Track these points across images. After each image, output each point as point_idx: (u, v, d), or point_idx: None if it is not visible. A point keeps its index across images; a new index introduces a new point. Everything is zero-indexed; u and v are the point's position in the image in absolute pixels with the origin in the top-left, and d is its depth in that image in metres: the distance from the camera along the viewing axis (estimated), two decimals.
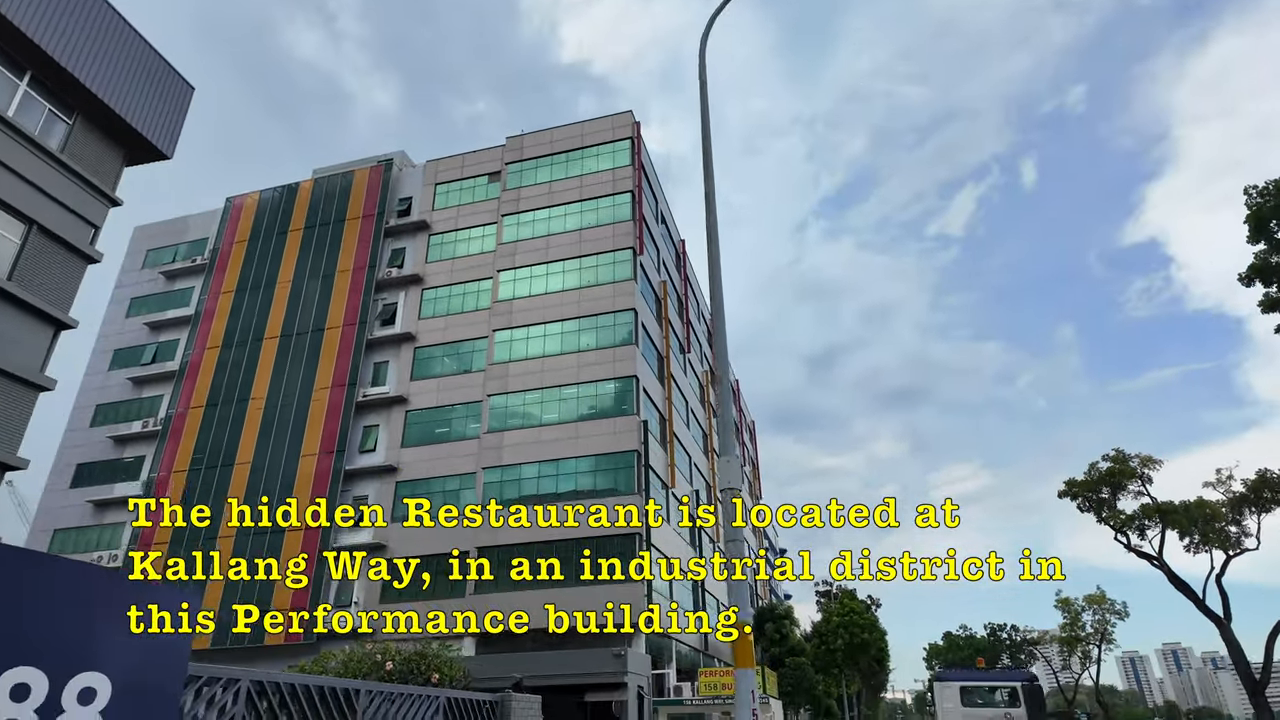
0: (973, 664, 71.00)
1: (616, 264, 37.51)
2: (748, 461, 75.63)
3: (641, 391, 35.09)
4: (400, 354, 39.30)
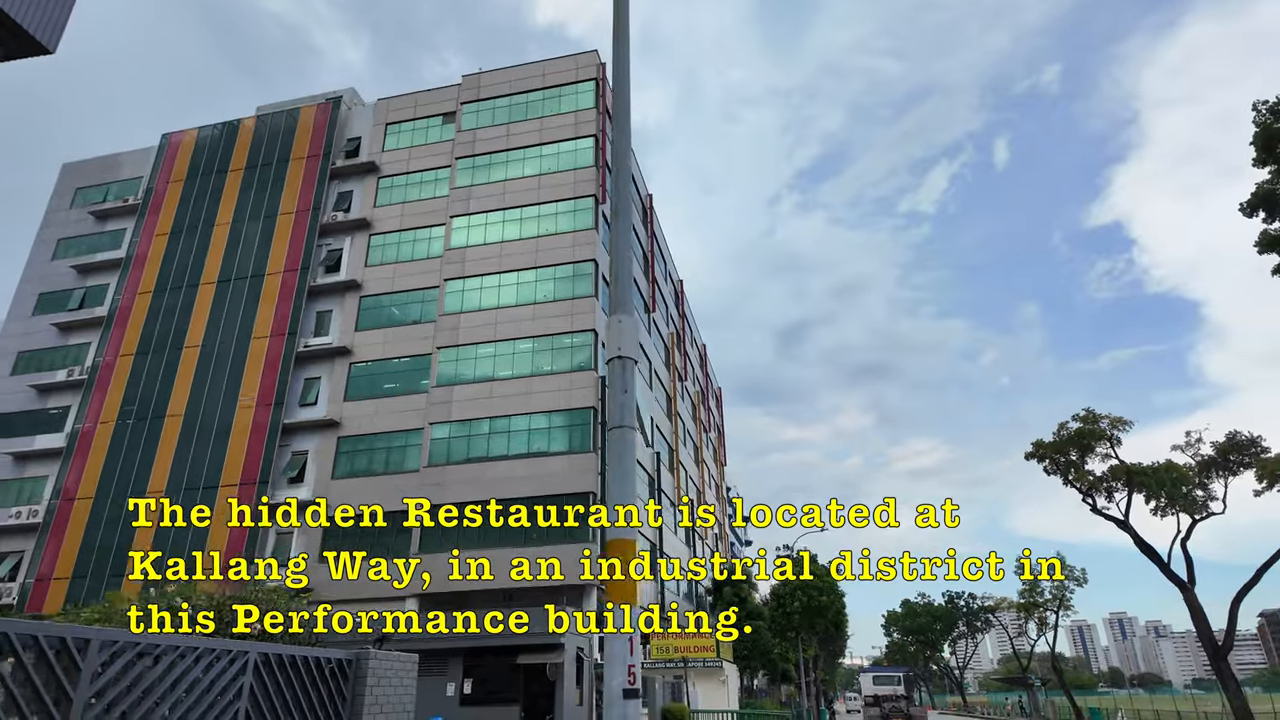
0: (926, 631, 75.24)
1: (577, 212, 35.57)
2: (713, 428, 74.74)
3: (601, 346, 33.44)
4: (345, 303, 37.07)
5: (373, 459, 33.68)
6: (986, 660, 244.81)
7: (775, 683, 50.11)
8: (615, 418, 4.15)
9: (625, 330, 4.32)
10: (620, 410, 4.16)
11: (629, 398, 4.18)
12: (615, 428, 4.10)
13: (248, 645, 5.06)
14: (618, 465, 3.97)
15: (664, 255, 54.44)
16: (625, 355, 4.31)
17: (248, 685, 4.92)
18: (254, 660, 4.99)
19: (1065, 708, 41.65)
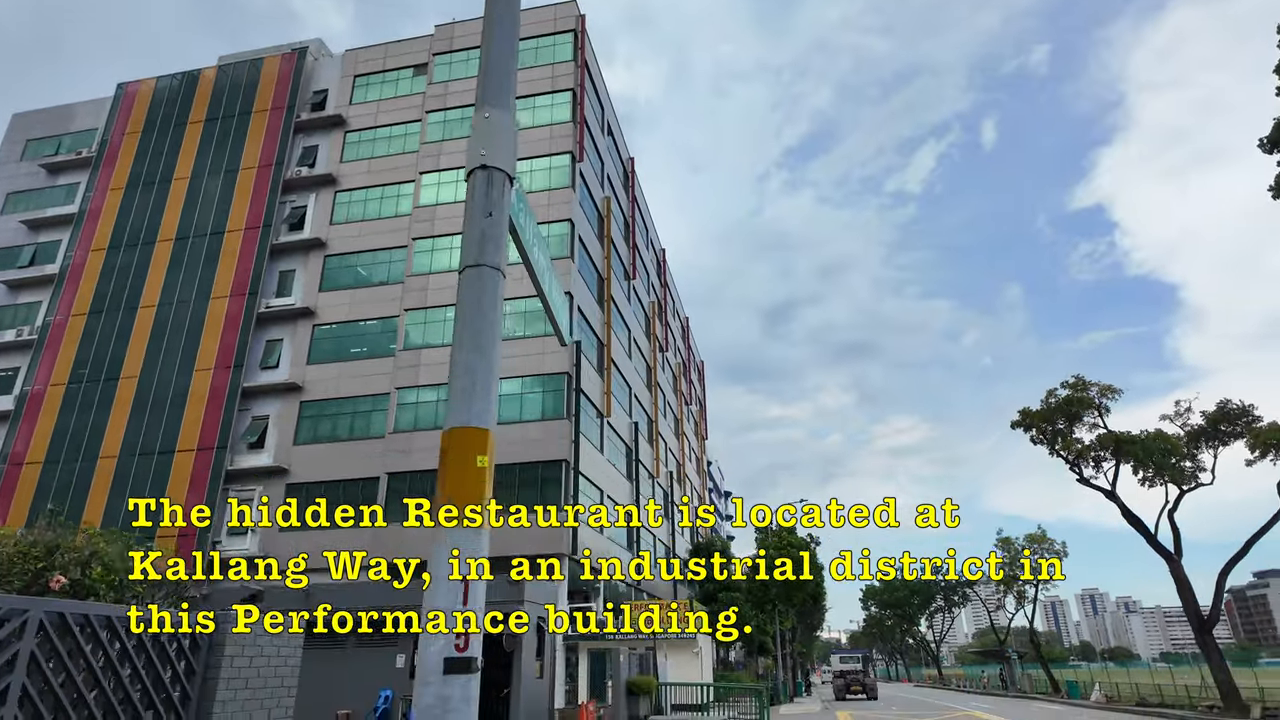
0: (904, 605, 76.57)
1: (553, 170, 34.05)
2: (695, 401, 73.88)
3: (576, 310, 32.17)
4: (309, 262, 35.44)
5: (337, 424, 32.34)
6: (961, 634, 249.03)
7: (752, 655, 49.75)
8: (471, 252, 2.93)
9: (494, 130, 3.10)
10: (479, 241, 2.93)
11: (494, 225, 2.96)
12: (470, 266, 2.89)
13: (28, 602, 3.88)
14: (469, 322, 2.77)
15: (645, 222, 53.01)
16: (492, 165, 3.09)
17: (26, 653, 3.72)
18: (37, 621, 3.80)
19: (1042, 680, 41.56)
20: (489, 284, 2.88)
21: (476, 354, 2.66)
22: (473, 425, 2.58)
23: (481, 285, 2.84)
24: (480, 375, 2.63)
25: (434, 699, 2.24)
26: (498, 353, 2.86)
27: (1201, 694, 26.08)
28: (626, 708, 17.54)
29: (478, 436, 2.58)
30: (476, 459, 2.50)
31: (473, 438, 2.57)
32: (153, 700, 4.47)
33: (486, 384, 2.64)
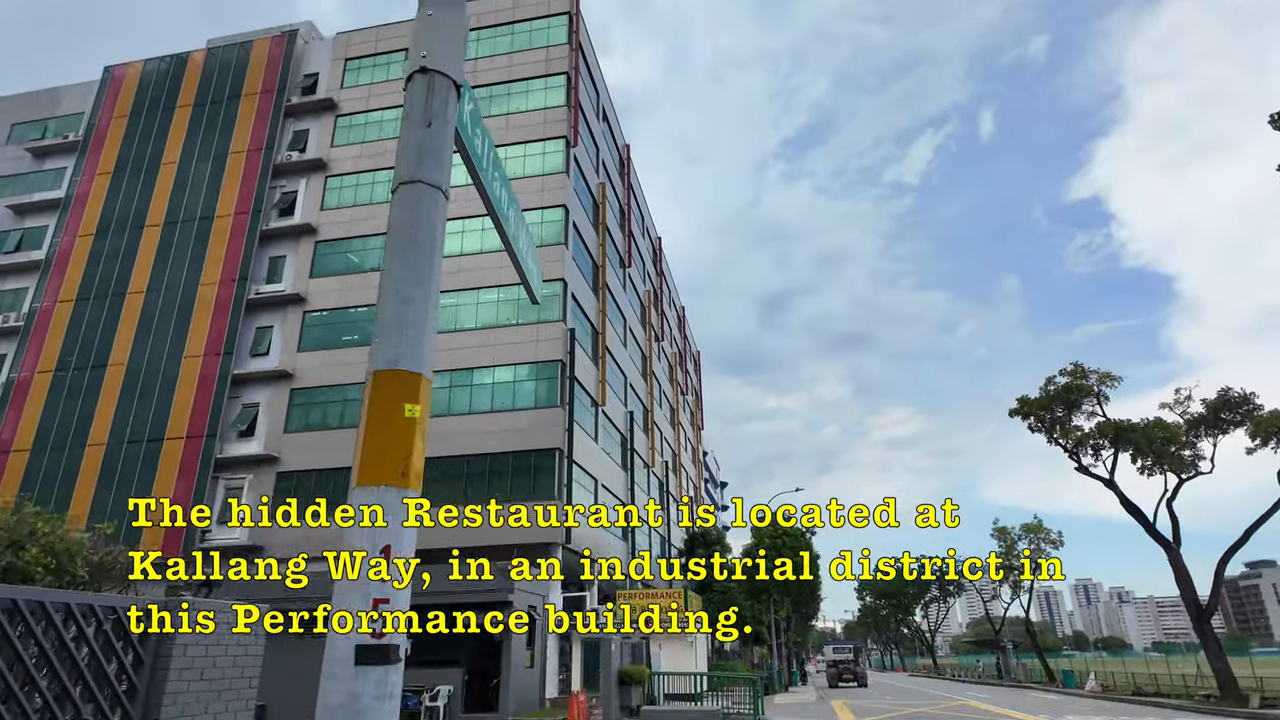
0: (899, 595, 77.06)
1: (547, 155, 33.58)
2: (690, 390, 73.60)
3: (570, 298, 31.81)
4: (299, 248, 34.96)
5: (327, 412, 31.97)
6: (956, 624, 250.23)
7: (747, 644, 49.67)
8: (406, 166, 2.56)
9: (438, 29, 2.69)
10: (415, 154, 2.56)
11: (435, 138, 2.59)
12: (405, 183, 2.52)
13: None
14: (402, 247, 2.41)
15: (641, 210, 52.54)
16: (434, 69, 2.71)
17: None
18: None
19: (1037, 670, 41.52)
20: (426, 204, 2.51)
21: (411, 283, 2.28)
22: (402, 368, 2.21)
23: (417, 204, 2.47)
24: (414, 309, 2.25)
25: (342, 696, 1.88)
26: (436, 284, 2.48)
27: (1198, 683, 25.98)
28: (618, 697, 17.30)
29: (408, 382, 2.20)
30: (405, 408, 2.14)
31: (402, 383, 2.19)
32: (94, 694, 4.13)
33: (421, 320, 2.26)
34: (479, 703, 17.53)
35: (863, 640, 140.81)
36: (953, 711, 23.26)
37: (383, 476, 2.15)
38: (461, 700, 17.18)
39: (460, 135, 2.92)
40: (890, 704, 27.78)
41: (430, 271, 2.44)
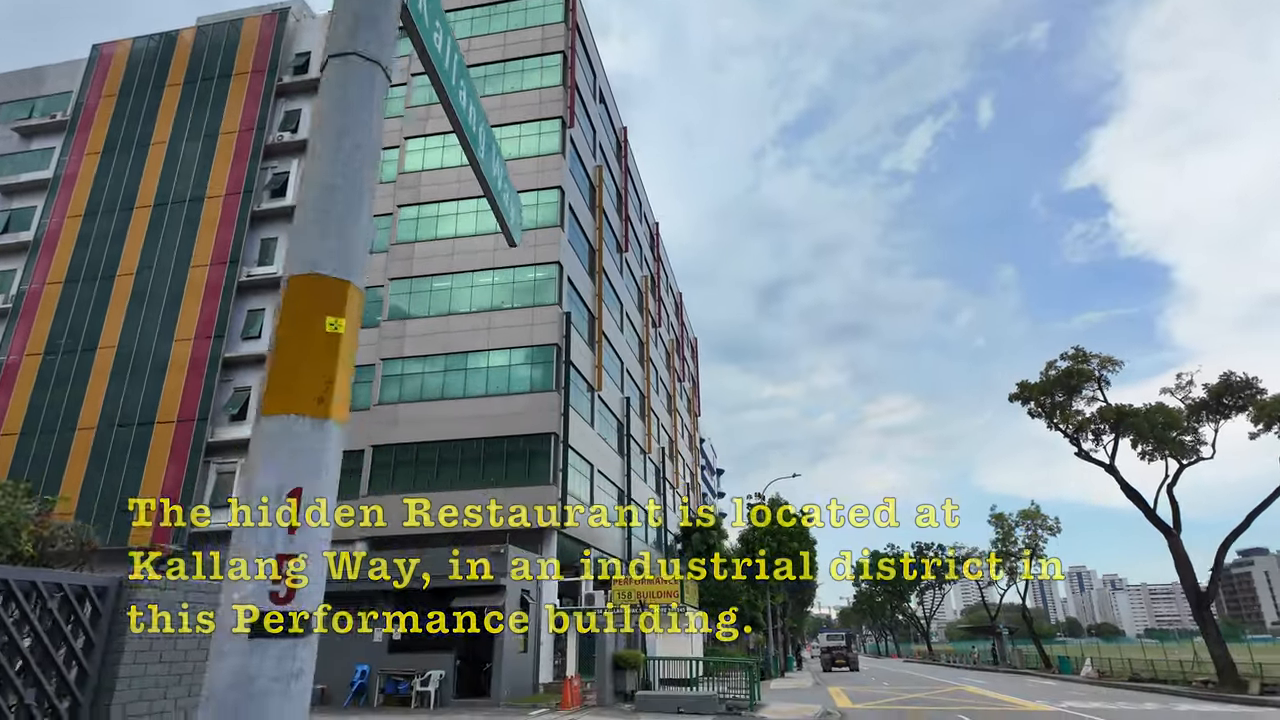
0: (894, 581, 77.76)
1: (542, 135, 33.08)
2: (687, 378, 73.34)
3: (566, 281, 31.41)
4: (291, 230, 34.39)
5: None
6: (950, 610, 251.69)
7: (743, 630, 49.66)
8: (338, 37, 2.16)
9: None
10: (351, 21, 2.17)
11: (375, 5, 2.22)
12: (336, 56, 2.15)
13: None
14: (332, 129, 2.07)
15: (639, 194, 52.01)
16: None
17: None
18: None
19: (1033, 656, 41.55)
20: (362, 80, 2.15)
21: (338, 172, 1.95)
22: (323, 272, 1.88)
23: (350, 80, 2.11)
24: (341, 200, 1.91)
25: (232, 678, 1.47)
26: (371, 177, 2.14)
27: (1194, 669, 25.90)
28: (613, 682, 17.10)
29: (330, 290, 1.85)
30: (326, 322, 1.79)
31: (322, 291, 1.84)
32: (38, 679, 3.81)
33: (349, 215, 1.91)
34: (472, 688, 17.31)
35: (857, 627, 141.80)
36: (949, 697, 23.15)
37: (295, 404, 1.78)
38: (453, 685, 16.96)
39: (412, 17, 2.54)
40: (886, 689, 27.70)
41: (363, 161, 2.09)
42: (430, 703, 16.38)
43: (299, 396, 1.75)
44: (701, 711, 16.40)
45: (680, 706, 16.57)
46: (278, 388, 1.75)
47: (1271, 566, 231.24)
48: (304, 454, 1.78)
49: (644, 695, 16.80)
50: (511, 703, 16.75)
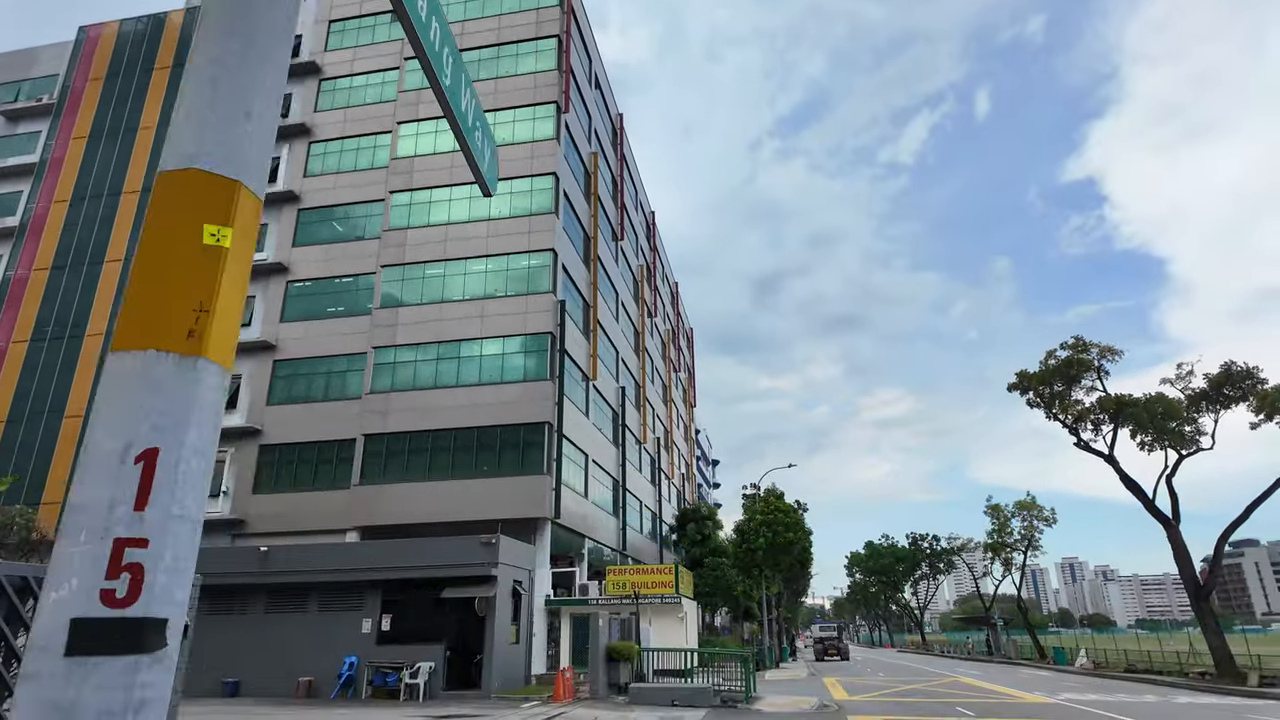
0: (889, 572, 78.32)
1: (537, 120, 32.58)
2: (683, 368, 73.03)
3: (561, 269, 31.00)
4: (281, 216, 33.97)
5: (311, 385, 31.24)
6: (943, 601, 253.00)
7: (738, 620, 49.60)
8: None
9: None
10: None
11: None
12: None
13: None
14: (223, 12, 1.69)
15: (634, 182, 51.53)
16: None
17: None
18: None
19: (1027, 646, 41.53)
20: None
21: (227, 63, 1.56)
22: (203, 167, 1.50)
23: None
24: (231, 84, 1.54)
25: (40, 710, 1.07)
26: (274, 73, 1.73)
27: (1190, 660, 25.80)
28: (606, 674, 16.85)
29: (215, 191, 1.48)
30: (206, 231, 1.43)
31: (204, 191, 1.48)
32: None
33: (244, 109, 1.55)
34: (462, 680, 17.05)
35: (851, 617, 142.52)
36: (946, 689, 23.00)
37: (155, 336, 1.39)
38: (443, 677, 16.70)
39: None
40: (882, 680, 27.57)
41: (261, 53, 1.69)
42: (419, 695, 16.10)
43: (161, 327, 1.37)
44: (696, 704, 16.18)
45: (674, 699, 16.34)
46: (134, 316, 1.39)
47: (1262, 558, 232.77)
48: (164, 403, 1.37)
49: (638, 688, 16.56)
50: (502, 695, 16.49)
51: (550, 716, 12.97)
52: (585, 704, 15.65)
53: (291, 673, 16.93)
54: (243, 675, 17.40)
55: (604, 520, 35.41)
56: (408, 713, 13.70)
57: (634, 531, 41.62)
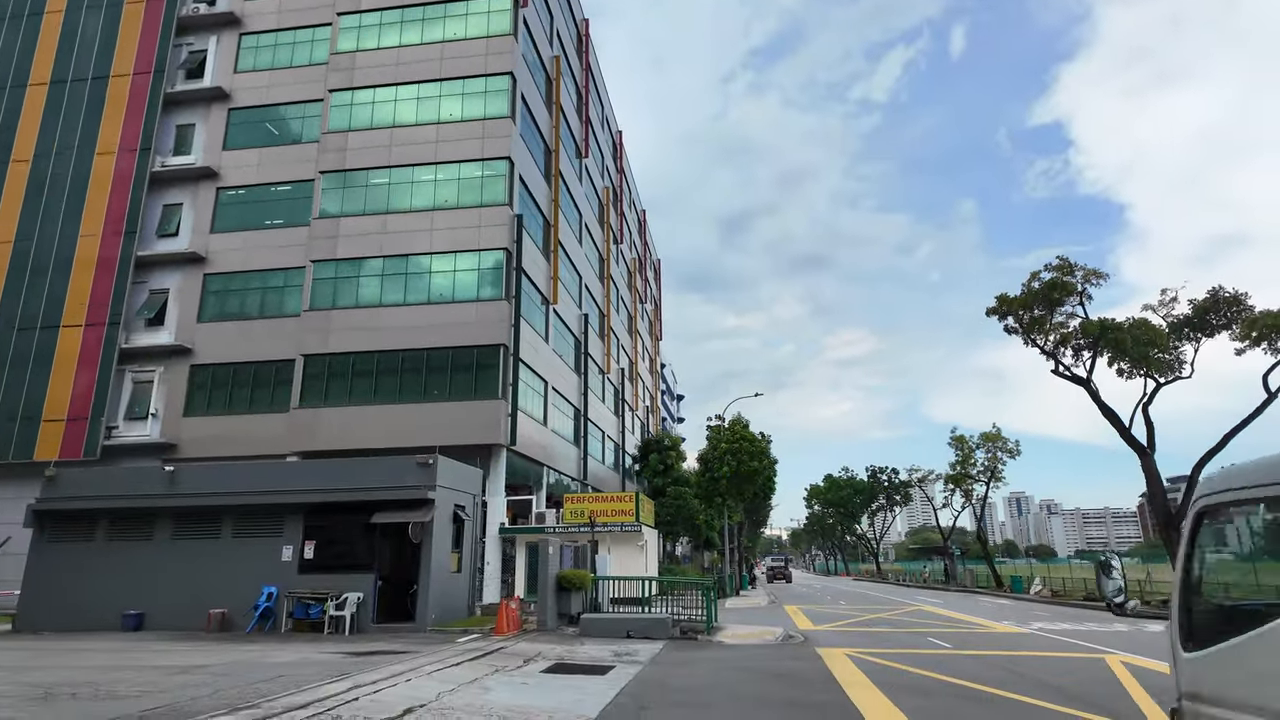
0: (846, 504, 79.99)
1: (492, 14, 29.69)
2: (650, 300, 71.30)
3: (518, 180, 28.71)
4: (210, 116, 30.88)
5: (246, 300, 28.94)
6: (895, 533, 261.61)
7: (699, 549, 49.50)
8: None
9: None
10: None
11: None
12: None
13: None
14: None
15: (601, 96, 48.57)
16: None
17: None
18: None
19: (983, 575, 42.05)
20: None
21: None
22: None
23: None
24: None
25: None
26: None
27: (1150, 589, 25.80)
28: (557, 604, 15.72)
29: None
30: None
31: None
32: None
33: None
34: (397, 612, 15.75)
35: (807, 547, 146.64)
36: (910, 617, 22.54)
37: None
38: (374, 608, 15.36)
39: None
40: (845, 609, 27.21)
41: None
42: (345, 628, 14.77)
43: None
44: (653, 635, 15.14)
45: (630, 630, 15.27)
46: None
47: None
48: None
49: (590, 618, 15.42)
50: (440, 628, 15.23)
51: (487, 651, 11.70)
52: (530, 636, 14.49)
53: (202, 604, 15.39)
54: (147, 607, 15.82)
55: (565, 450, 34.16)
56: (326, 647, 12.34)
57: (596, 462, 40.58)
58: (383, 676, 8.78)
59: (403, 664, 10.09)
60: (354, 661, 10.50)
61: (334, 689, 7.79)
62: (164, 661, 10.55)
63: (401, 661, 10.36)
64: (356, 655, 11.21)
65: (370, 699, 7.33)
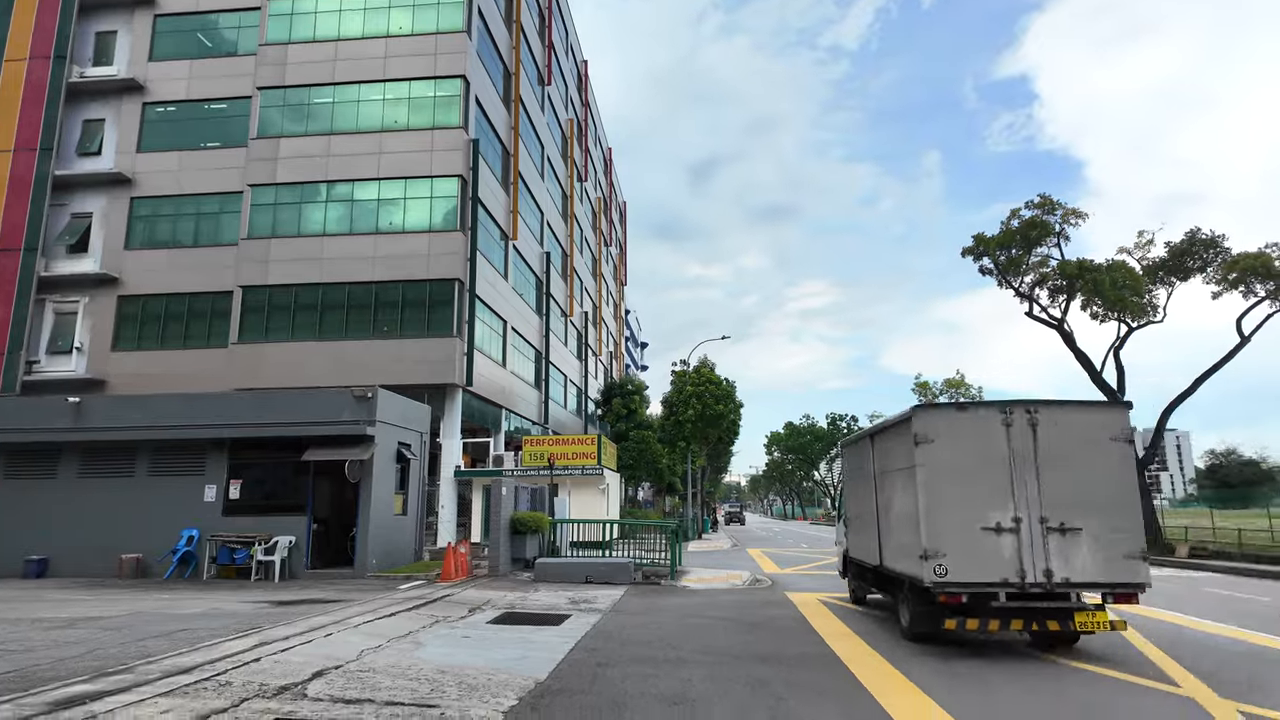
0: (806, 450, 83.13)
1: None
2: (615, 242, 69.54)
3: (475, 102, 26.74)
4: (134, 23, 28.09)
5: (178, 227, 26.81)
6: None
7: (661, 494, 49.23)
8: None
9: None
10: None
11: None
12: None
13: None
14: None
15: (565, 21, 45.96)
16: None
17: None
18: None
19: None
20: None
21: None
22: None
23: None
24: None
25: None
26: None
27: None
28: (510, 548, 14.81)
29: None
30: None
31: None
32: None
33: None
34: (336, 557, 14.67)
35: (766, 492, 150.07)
36: None
37: None
38: (308, 553, 14.24)
39: None
40: (806, 552, 26.95)
41: None
42: (275, 574, 13.65)
43: None
44: (615, 580, 14.34)
45: (589, 575, 14.43)
46: None
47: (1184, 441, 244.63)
48: None
49: (545, 563, 14.53)
50: (381, 574, 14.21)
51: (430, 600, 10.71)
52: (480, 583, 13.55)
53: (114, 549, 14.09)
54: (52, 552, 14.46)
55: (525, 393, 32.99)
56: (248, 596, 11.22)
57: (558, 406, 39.54)
58: (298, 631, 7.70)
59: (328, 615, 9.03)
60: (273, 613, 9.43)
61: (235, 646, 6.70)
62: (54, 614, 9.34)
63: (328, 613, 9.29)
64: (279, 604, 10.13)
65: (275, 659, 6.25)
